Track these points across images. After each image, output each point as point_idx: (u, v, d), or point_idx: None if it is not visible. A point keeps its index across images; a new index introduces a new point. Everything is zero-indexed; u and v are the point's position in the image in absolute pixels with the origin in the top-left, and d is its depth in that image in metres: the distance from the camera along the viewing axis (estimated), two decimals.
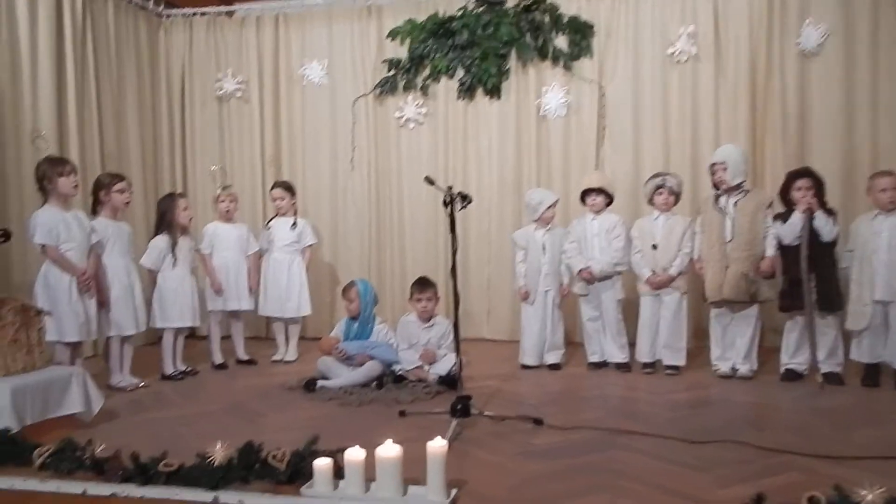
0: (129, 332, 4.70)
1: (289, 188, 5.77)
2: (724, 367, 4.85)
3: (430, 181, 3.85)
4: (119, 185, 4.72)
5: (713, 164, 4.86)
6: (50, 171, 4.29)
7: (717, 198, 4.84)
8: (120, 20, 6.37)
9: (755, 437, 3.42)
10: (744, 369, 4.78)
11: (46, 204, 4.32)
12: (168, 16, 6.93)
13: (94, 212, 4.73)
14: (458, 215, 3.81)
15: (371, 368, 4.64)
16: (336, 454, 2.68)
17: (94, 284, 4.40)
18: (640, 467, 3.04)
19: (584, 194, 5.19)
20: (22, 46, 5.41)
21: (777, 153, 5.80)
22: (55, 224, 4.25)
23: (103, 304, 4.56)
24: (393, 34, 6.55)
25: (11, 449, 2.95)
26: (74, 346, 4.38)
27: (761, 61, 5.86)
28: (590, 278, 5.08)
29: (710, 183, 4.93)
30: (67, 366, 4.02)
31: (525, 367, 5.19)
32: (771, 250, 4.68)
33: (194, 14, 6.90)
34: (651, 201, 5.07)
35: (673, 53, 6.02)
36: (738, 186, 4.79)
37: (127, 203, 4.80)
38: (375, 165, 6.68)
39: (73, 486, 2.70)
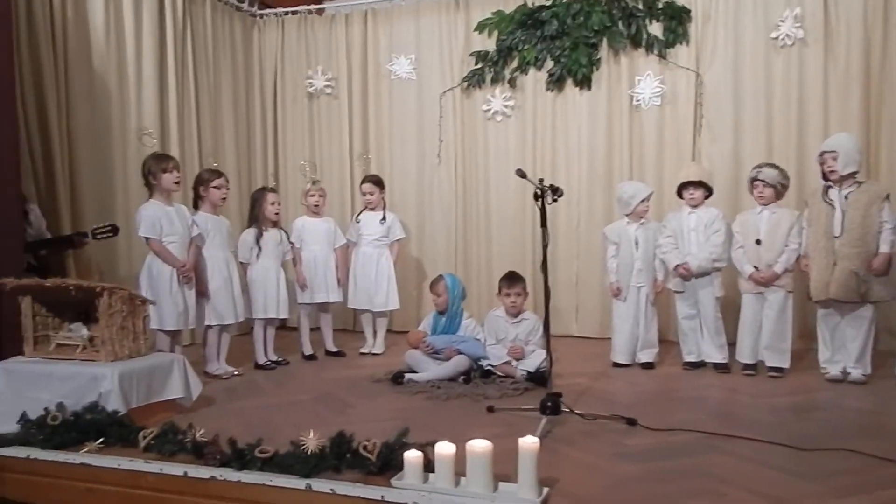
0: (228, 321, 4.87)
1: (378, 183, 5.82)
2: (833, 371, 4.60)
3: (521, 174, 3.79)
4: (216, 182, 4.88)
5: (823, 153, 4.60)
6: (155, 167, 4.48)
7: (826, 190, 4.59)
8: (217, 21, 6.58)
9: (869, 445, 3.20)
10: (856, 373, 4.52)
11: (151, 199, 4.53)
12: (261, 15, 7.10)
13: (196, 206, 4.93)
14: (547, 209, 3.74)
15: (458, 363, 4.63)
16: (426, 447, 2.66)
17: (193, 276, 4.57)
18: (743, 473, 2.90)
19: (682, 188, 5.05)
20: (128, 48, 5.65)
21: (894, 144, 5.49)
22: (158, 218, 4.45)
23: (203, 294, 4.74)
24: (481, 27, 6.52)
25: (119, 430, 3.07)
26: (174, 335, 4.56)
27: (876, 44, 5.54)
28: (686, 274, 4.92)
29: (819, 174, 4.68)
30: (169, 353, 4.17)
31: (617, 365, 5.08)
32: (886, 246, 4.40)
33: (286, 13, 7.05)
34: (752, 194, 4.88)
35: (777, 37, 5.79)
36: (850, 177, 4.52)
37: (223, 199, 4.96)
38: (462, 159, 6.67)
39: (174, 468, 2.78)
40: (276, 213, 5.26)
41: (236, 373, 4.90)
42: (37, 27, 4.86)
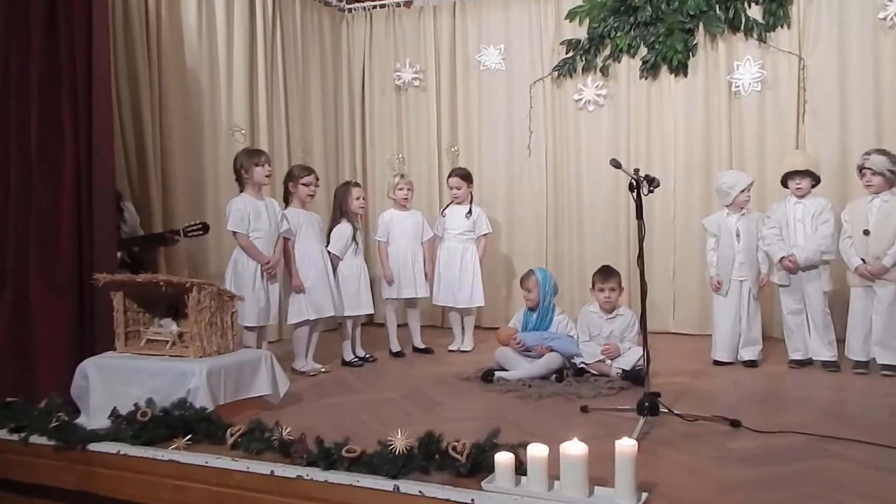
0: (328, 313, 4.89)
1: (465, 176, 5.77)
2: None
3: (616, 164, 3.69)
4: (306, 179, 4.94)
5: None
6: (247, 162, 4.55)
7: None
8: (306, 16, 6.66)
9: None
10: None
11: (242, 192, 4.59)
12: (350, 9, 7.15)
13: (286, 202, 4.99)
14: (643, 200, 3.64)
15: (550, 360, 4.56)
16: (517, 449, 2.57)
17: (276, 272, 4.60)
18: (860, 479, 2.70)
19: (787, 177, 4.87)
20: (219, 46, 5.76)
21: None
22: (247, 212, 4.52)
23: (298, 289, 4.78)
24: (572, 14, 6.40)
25: (207, 427, 3.08)
26: (259, 330, 4.60)
27: None
28: (793, 267, 4.72)
29: None
30: (256, 349, 4.21)
31: (717, 363, 4.92)
32: None
33: (374, 6, 7.09)
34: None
35: (885, 18, 5.50)
36: None
37: (310, 196, 5.00)
38: (553, 151, 6.60)
39: (261, 467, 2.76)
40: (361, 208, 5.28)
41: (324, 370, 4.92)
42: (132, 26, 5.01)
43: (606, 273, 4.81)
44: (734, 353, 4.90)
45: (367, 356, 5.28)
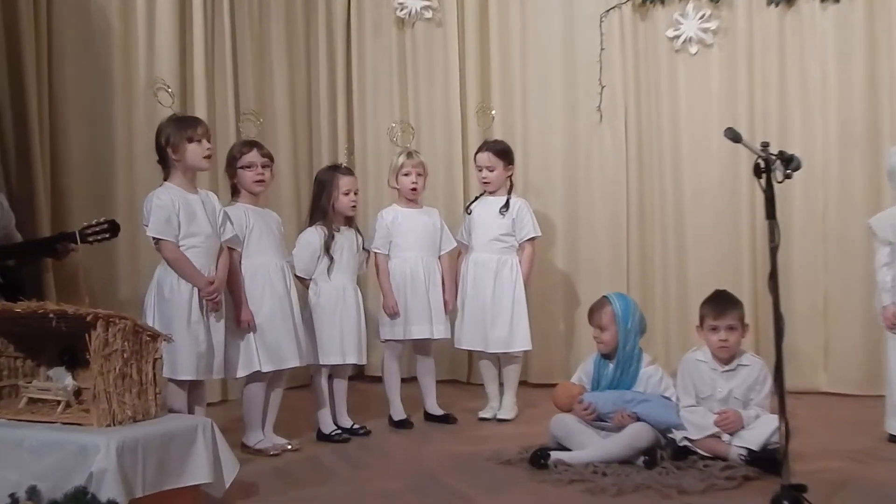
0: (289, 363, 4.88)
1: (501, 153, 5.75)
2: None
3: (733, 136, 3.65)
4: (248, 158, 4.91)
5: None
6: (176, 136, 4.52)
7: None
8: None
9: None
10: None
11: (167, 181, 4.58)
12: None
13: (234, 195, 4.99)
14: (778, 190, 3.60)
15: (636, 435, 4.52)
16: None
17: (222, 299, 4.58)
18: None
19: None
20: None
21: None
22: (175, 210, 4.47)
23: (243, 325, 4.76)
24: None
25: None
26: (193, 387, 4.57)
27: None
28: None
29: None
30: (188, 415, 4.18)
31: (895, 438, 4.87)
32: None
33: None
34: None
35: None
36: None
37: (259, 183, 4.96)
38: (636, 114, 6.63)
39: None
40: (353, 206, 5.29)
41: (291, 447, 4.91)
42: None
43: (722, 303, 4.74)
44: None
45: (357, 427, 5.27)
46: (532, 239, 5.75)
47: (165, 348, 4.10)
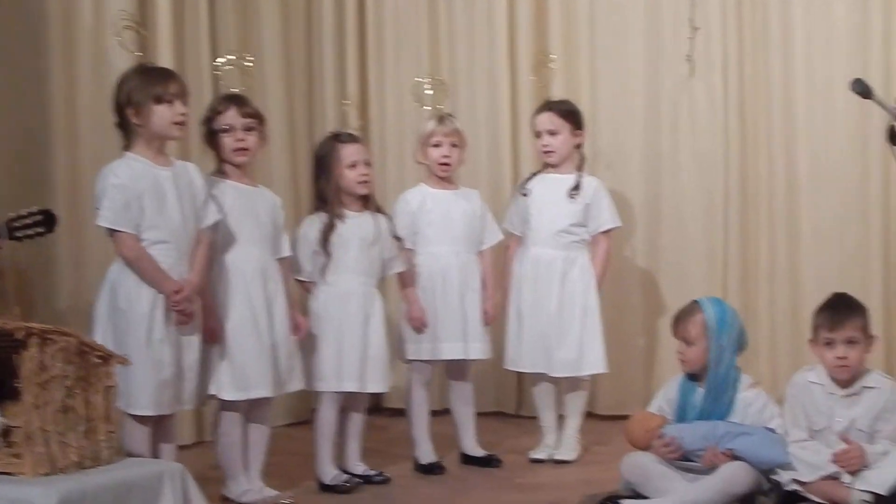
0: (256, 392, 4.84)
1: (568, 114, 5.75)
2: None
3: (862, 89, 3.61)
4: (223, 119, 4.88)
5: None
6: (140, 94, 4.49)
7: None
8: None
9: None
10: None
11: (129, 153, 4.56)
12: None
13: (219, 170, 4.99)
14: None
15: (732, 478, 4.51)
16: None
17: (193, 309, 4.56)
18: None
19: None
20: None
21: None
22: (138, 193, 4.44)
23: (212, 339, 4.74)
24: None
25: None
26: (158, 424, 4.55)
27: None
28: None
29: None
30: (151, 459, 4.18)
31: None
32: None
33: None
34: None
35: None
36: None
37: (239, 151, 4.92)
38: (739, 65, 6.62)
39: None
40: (364, 183, 5.24)
41: (285, 501, 4.91)
42: None
43: (839, 310, 4.72)
44: None
45: (372, 473, 5.27)
46: (608, 231, 5.76)
47: (121, 373, 4.11)
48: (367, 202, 5.28)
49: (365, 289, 5.22)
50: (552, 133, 5.67)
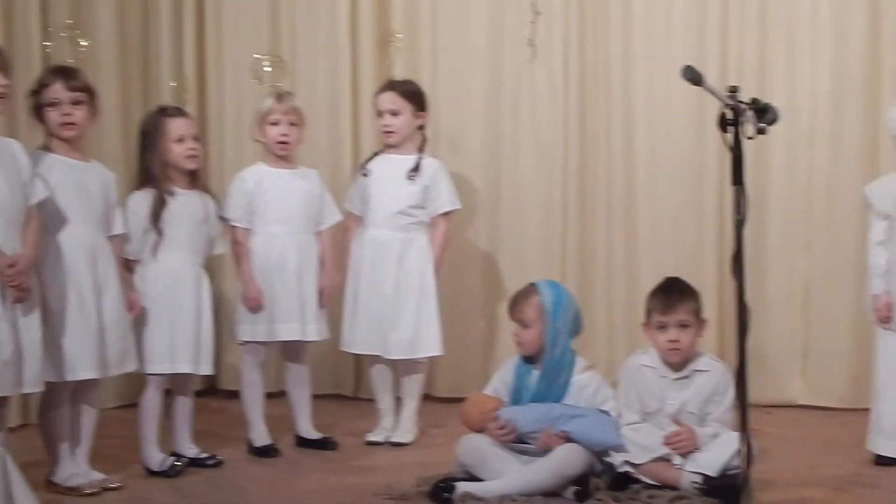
0: (83, 374, 4.76)
1: (411, 94, 5.77)
2: None
3: (692, 76, 3.73)
4: (49, 94, 4.77)
5: None
6: None
7: None
8: None
9: None
10: None
11: None
12: None
13: (46, 145, 4.88)
14: (750, 148, 3.72)
15: (565, 460, 4.58)
16: None
17: (32, 284, 4.51)
18: None
19: None
20: None
21: None
22: None
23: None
24: None
25: None
26: None
27: None
28: None
29: None
30: None
31: (883, 460, 5.01)
32: None
33: None
34: None
35: None
36: None
37: (65, 126, 4.82)
38: (579, 50, 6.68)
39: None
40: (192, 157, 5.20)
41: (113, 485, 4.84)
42: None
43: (671, 294, 4.82)
44: None
45: (204, 456, 5.25)
46: (448, 213, 5.78)
47: None
48: (195, 179, 5.25)
49: (195, 268, 5.20)
50: (394, 113, 5.68)
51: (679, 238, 6.51)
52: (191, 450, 5.25)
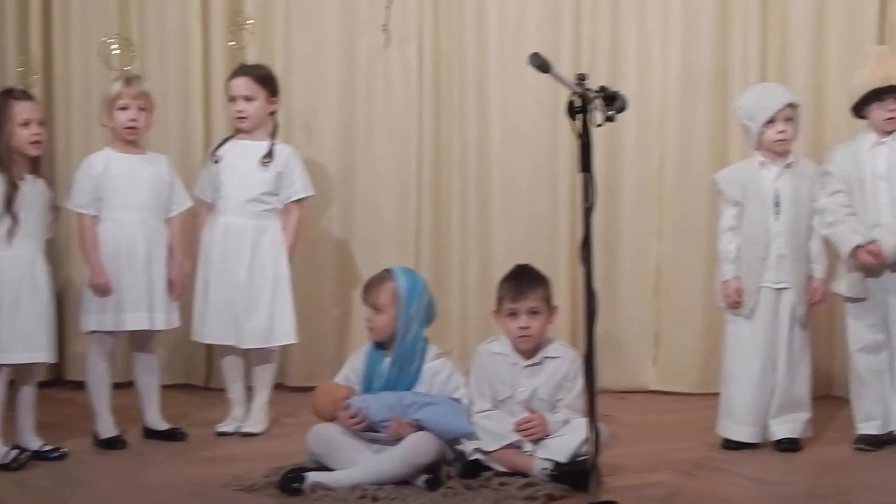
0: None
1: (264, 79, 5.74)
2: None
3: (540, 63, 3.74)
4: None
5: None
6: None
7: None
8: None
9: None
10: None
11: None
12: None
13: None
14: (599, 136, 3.74)
15: (415, 449, 4.58)
16: None
17: None
18: None
19: (869, 100, 5.06)
20: None
21: None
22: None
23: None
24: None
25: None
26: None
27: None
28: (874, 264, 4.95)
29: None
30: None
31: (731, 444, 5.13)
32: None
33: None
34: None
35: None
36: None
37: None
38: (433, 37, 6.69)
39: None
40: (36, 143, 5.11)
41: None
42: None
43: (521, 281, 4.86)
44: (760, 427, 5.10)
45: (48, 449, 5.16)
46: (301, 200, 5.77)
47: None
48: (37, 166, 5.17)
49: (39, 255, 5.13)
50: (247, 99, 5.64)
51: (533, 225, 6.55)
52: (34, 442, 5.14)
